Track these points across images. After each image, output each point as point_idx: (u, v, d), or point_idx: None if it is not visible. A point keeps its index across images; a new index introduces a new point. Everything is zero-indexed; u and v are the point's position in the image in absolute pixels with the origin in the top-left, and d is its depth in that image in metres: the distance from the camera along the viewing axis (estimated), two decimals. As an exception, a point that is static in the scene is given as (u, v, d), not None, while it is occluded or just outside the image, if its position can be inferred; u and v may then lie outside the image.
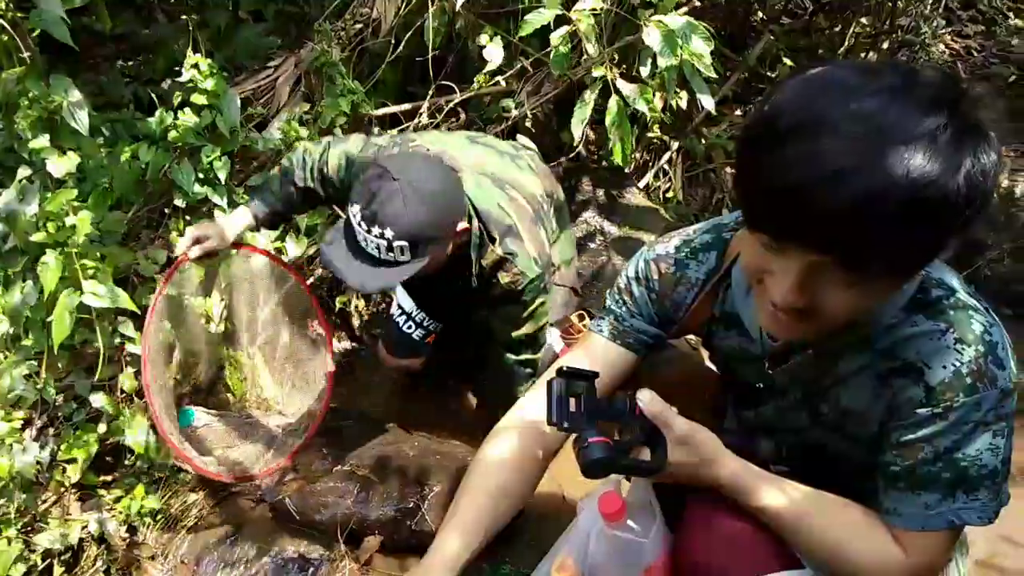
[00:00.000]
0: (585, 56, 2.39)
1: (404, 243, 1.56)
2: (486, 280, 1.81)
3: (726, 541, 1.09)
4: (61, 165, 2.00)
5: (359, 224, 1.57)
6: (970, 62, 3.32)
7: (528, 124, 2.68)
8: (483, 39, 2.50)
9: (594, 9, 2.27)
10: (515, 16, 2.56)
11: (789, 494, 1.06)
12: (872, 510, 1.06)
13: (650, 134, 2.97)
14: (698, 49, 2.16)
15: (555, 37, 2.32)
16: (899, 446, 1.00)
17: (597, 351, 1.25)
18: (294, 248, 2.42)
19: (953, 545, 1.03)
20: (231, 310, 2.17)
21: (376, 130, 2.57)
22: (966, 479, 0.97)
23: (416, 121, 2.58)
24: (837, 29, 3.36)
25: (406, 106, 2.63)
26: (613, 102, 2.29)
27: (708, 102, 2.33)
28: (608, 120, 2.31)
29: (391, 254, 1.58)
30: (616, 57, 2.41)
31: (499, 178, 1.85)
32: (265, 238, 2.22)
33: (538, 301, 1.84)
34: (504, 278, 1.78)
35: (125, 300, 1.95)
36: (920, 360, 0.97)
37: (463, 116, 2.68)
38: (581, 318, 2.28)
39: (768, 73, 3.34)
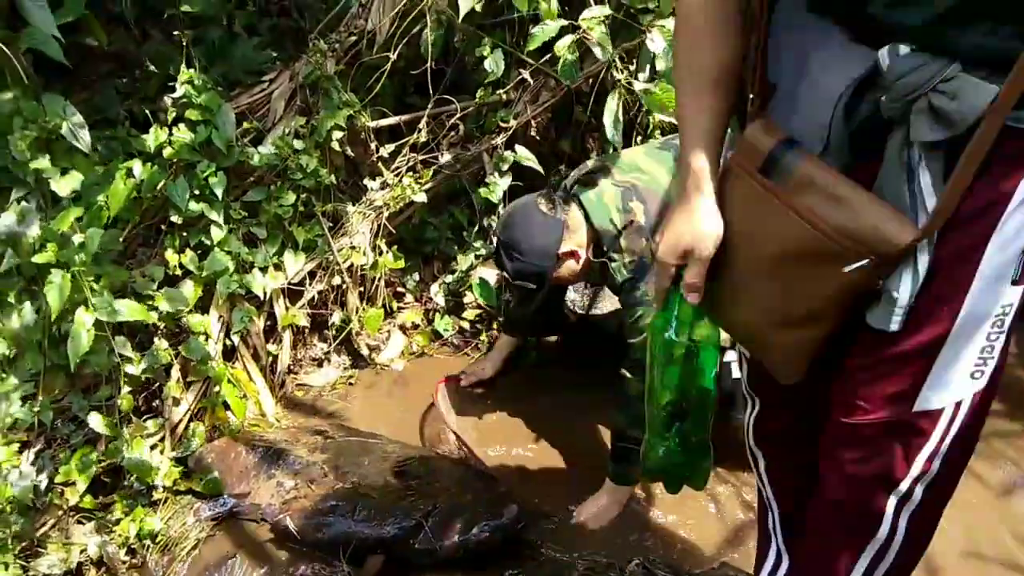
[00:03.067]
0: (595, 62, 2.40)
1: (525, 283, 1.96)
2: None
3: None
4: (66, 184, 2.00)
5: None
6: None
7: (533, 133, 2.66)
8: (482, 51, 2.48)
9: (603, 17, 2.27)
10: (511, 26, 2.54)
11: None
12: None
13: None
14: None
15: (561, 47, 2.31)
16: None
17: None
18: (292, 263, 2.40)
19: None
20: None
21: (374, 145, 2.54)
22: None
23: (415, 135, 2.56)
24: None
25: (405, 117, 2.61)
26: (614, 102, 2.30)
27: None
28: (609, 120, 2.31)
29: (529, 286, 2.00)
30: (625, 58, 2.41)
31: (626, 181, 1.93)
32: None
33: (633, 309, 1.85)
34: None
35: (141, 312, 1.94)
36: None
37: (462, 128, 2.66)
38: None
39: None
